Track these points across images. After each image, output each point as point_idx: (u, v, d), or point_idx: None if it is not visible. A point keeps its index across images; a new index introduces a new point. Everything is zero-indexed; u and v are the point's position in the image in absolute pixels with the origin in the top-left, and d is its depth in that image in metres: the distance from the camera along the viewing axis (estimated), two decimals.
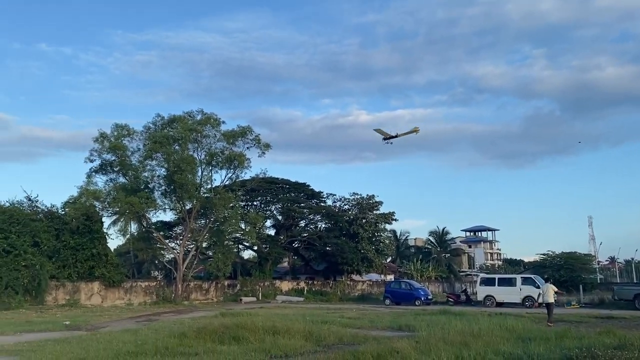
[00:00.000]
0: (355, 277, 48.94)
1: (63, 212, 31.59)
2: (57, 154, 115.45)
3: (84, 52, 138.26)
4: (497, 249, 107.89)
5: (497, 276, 35.24)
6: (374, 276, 52.59)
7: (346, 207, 47.69)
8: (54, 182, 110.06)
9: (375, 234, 46.57)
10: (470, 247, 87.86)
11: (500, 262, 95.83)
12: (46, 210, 31.35)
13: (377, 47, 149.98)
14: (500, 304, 31.11)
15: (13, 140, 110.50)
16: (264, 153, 36.51)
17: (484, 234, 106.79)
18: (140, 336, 13.94)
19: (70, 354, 10.93)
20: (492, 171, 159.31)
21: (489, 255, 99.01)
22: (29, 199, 30.84)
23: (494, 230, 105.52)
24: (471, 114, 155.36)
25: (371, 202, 46.51)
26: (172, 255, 38.66)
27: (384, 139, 35.32)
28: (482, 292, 33.22)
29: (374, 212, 46.60)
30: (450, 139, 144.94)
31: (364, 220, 44.99)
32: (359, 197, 46.82)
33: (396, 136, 34.02)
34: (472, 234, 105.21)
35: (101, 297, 31.91)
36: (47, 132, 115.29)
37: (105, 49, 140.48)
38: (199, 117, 35.39)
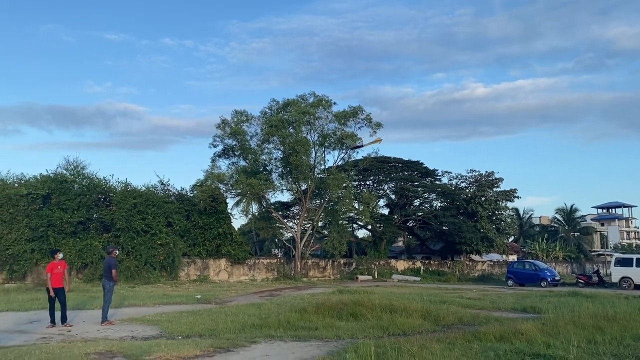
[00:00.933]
0: (474, 257, 47.39)
1: (192, 195, 34.11)
2: (184, 141, 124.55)
3: (203, 44, 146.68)
4: (635, 227, 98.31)
5: (635, 256, 32.13)
6: (495, 256, 50.56)
7: (463, 185, 46.13)
8: (182, 167, 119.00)
9: (496, 212, 44.60)
10: (602, 225, 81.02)
11: (638, 241, 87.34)
12: (177, 193, 33.97)
13: (492, 16, 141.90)
14: (638, 287, 28.45)
15: (146, 130, 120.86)
16: (375, 132, 36.36)
17: (618, 210, 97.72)
18: (263, 310, 14.66)
19: (203, 325, 11.78)
20: (625, 142, 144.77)
21: (624, 233, 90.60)
22: (162, 183, 33.58)
23: (631, 206, 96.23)
24: (601, 81, 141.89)
25: (490, 179, 44.52)
26: (291, 234, 40.13)
27: (352, 147, 36.44)
28: (617, 273, 30.67)
29: (494, 189, 44.60)
30: (577, 109, 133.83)
31: (483, 199, 43.24)
32: (477, 174, 45.05)
33: (362, 146, 34.84)
34: (604, 211, 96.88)
35: (227, 273, 34.10)
36: (174, 121, 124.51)
37: (222, 39, 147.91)
38: (311, 100, 36.04)
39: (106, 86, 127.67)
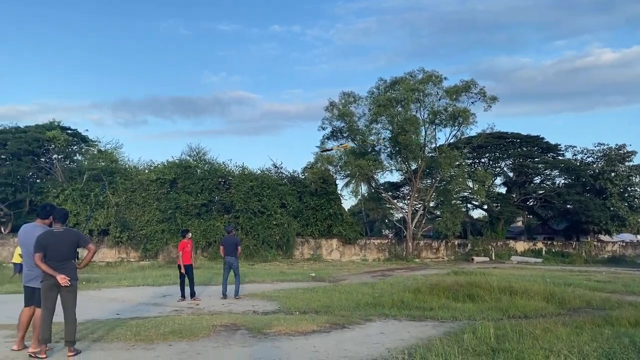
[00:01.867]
0: (603, 237, 43.77)
1: (303, 177, 35.06)
2: (294, 125, 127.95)
3: (310, 28, 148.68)
4: None
5: None
6: (628, 236, 46.34)
7: (589, 159, 42.65)
8: (293, 150, 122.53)
9: (628, 188, 40.72)
10: None
11: None
12: (289, 175, 35.08)
13: None
14: None
15: (259, 116, 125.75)
16: (490, 107, 34.72)
17: None
18: (377, 289, 14.69)
19: (318, 301, 12.08)
20: None
21: None
22: (275, 166, 34.87)
23: None
24: None
25: (621, 152, 40.66)
26: (401, 215, 39.79)
27: (321, 150, 35.26)
28: None
29: (626, 164, 40.67)
30: None
31: (612, 174, 39.69)
32: (605, 147, 41.39)
33: (331, 149, 34.44)
34: None
35: (339, 253, 34.71)
36: (285, 107, 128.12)
37: (328, 22, 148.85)
38: (420, 77, 35.17)
39: (221, 76, 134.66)
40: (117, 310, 10.62)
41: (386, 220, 47.30)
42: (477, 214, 48.94)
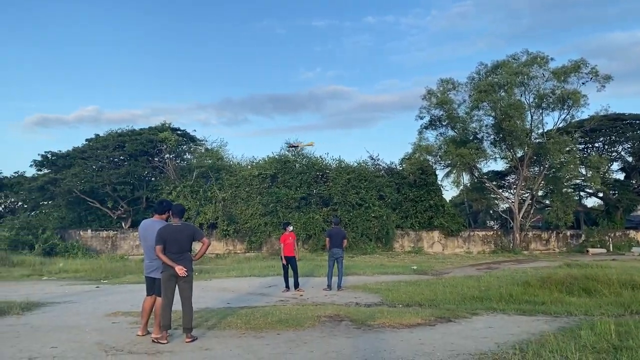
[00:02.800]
0: None
1: (401, 168, 34.62)
2: (390, 116, 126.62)
3: (404, 17, 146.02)
4: None
5: None
6: None
7: None
8: (389, 141, 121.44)
9: None
10: None
11: None
12: (386, 167, 34.80)
13: None
14: None
15: (354, 109, 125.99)
16: (603, 87, 32.06)
17: None
18: (483, 282, 14.17)
19: (421, 294, 11.89)
20: None
21: None
22: (372, 158, 34.75)
23: None
24: None
25: None
26: (507, 205, 38.02)
27: (289, 145, 33.70)
28: None
29: None
30: None
31: None
32: None
33: (297, 146, 33.12)
34: None
35: (441, 245, 33.91)
36: (380, 98, 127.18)
37: (422, 9, 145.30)
38: (523, 59, 33.26)
39: (316, 71, 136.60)
40: (228, 300, 11.18)
41: (491, 211, 45.44)
42: (591, 202, 45.47)
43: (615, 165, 41.63)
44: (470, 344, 6.77)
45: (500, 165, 39.52)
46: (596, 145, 41.11)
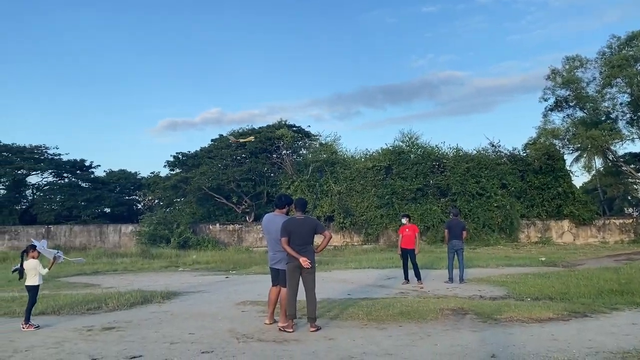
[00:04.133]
0: None
1: (524, 154, 32.66)
2: (510, 100, 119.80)
3: None
4: None
5: None
6: None
7: None
8: (510, 126, 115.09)
9: None
10: None
11: None
12: (508, 153, 33.03)
13: None
14: None
15: (470, 94, 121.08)
16: None
17: None
18: (622, 275, 12.92)
19: (552, 287, 11.15)
20: None
21: None
22: (492, 145, 33.15)
23: None
24: None
25: None
26: None
27: (232, 142, 32.21)
28: None
29: None
30: None
31: None
32: None
33: (238, 140, 31.48)
34: None
35: (572, 235, 31.51)
36: (498, 81, 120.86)
37: None
38: None
39: (428, 58, 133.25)
40: (348, 291, 11.34)
41: (629, 197, 41.36)
42: None
43: None
44: (610, 341, 6.22)
45: (638, 147, 35.79)
46: None
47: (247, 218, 33.56)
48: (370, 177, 30.59)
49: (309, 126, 42.02)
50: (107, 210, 37.32)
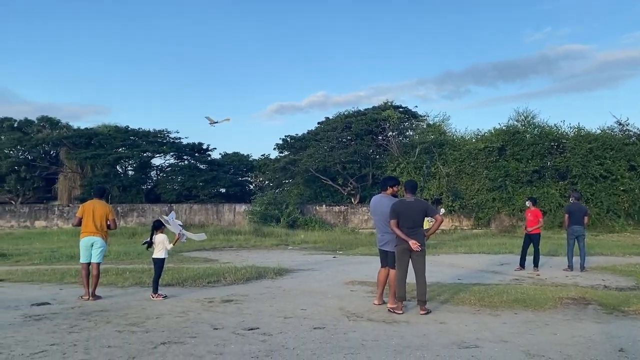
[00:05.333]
0: None
1: None
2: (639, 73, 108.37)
3: None
4: None
5: None
6: None
7: None
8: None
9: None
10: None
11: None
12: (639, 132, 30.03)
13: None
14: None
15: (593, 69, 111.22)
16: None
17: None
18: None
19: None
20: None
21: None
22: (619, 124, 30.30)
23: None
24: None
25: None
26: None
27: (210, 123, 29.66)
28: None
29: None
30: None
31: None
32: None
33: (215, 122, 30.70)
34: None
35: None
36: (626, 53, 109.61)
37: None
38: None
39: (545, 32, 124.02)
40: (458, 276, 11.07)
41: None
42: None
43: None
44: None
45: None
46: None
47: (353, 200, 33.84)
48: (482, 159, 29.38)
49: (416, 107, 41.00)
50: (222, 190, 39.48)
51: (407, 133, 36.06)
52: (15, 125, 39.57)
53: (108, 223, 8.64)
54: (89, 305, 7.77)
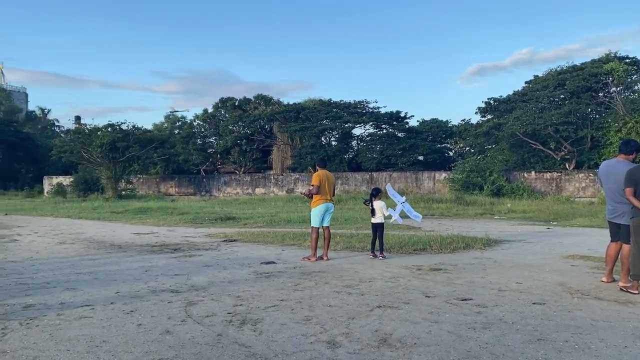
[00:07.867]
0: None
1: None
2: None
3: None
4: None
5: None
6: None
7: None
8: None
9: None
10: None
11: None
12: None
13: None
14: None
15: None
16: None
17: None
18: None
19: None
20: None
21: None
22: None
23: None
24: None
25: None
26: None
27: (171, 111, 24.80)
28: None
29: None
30: None
31: None
32: None
33: (175, 110, 15.68)
34: None
35: None
36: None
37: None
38: None
39: None
40: None
41: None
42: None
43: None
44: None
45: None
46: None
47: (567, 165, 30.75)
48: None
49: None
50: (421, 158, 39.28)
51: (636, 87, 31.19)
52: (236, 103, 44.74)
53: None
54: (308, 266, 8.43)
